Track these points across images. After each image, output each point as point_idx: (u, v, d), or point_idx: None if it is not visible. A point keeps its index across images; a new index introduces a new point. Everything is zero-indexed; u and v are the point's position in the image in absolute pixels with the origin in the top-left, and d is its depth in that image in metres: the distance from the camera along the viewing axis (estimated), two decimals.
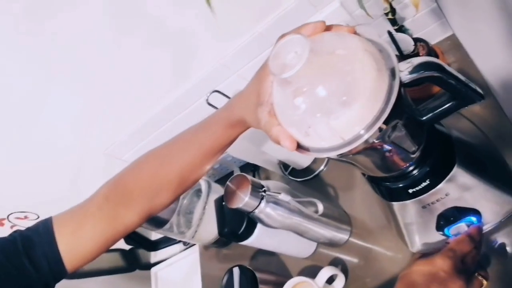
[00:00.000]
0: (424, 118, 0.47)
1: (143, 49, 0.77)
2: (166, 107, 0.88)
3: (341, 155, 0.40)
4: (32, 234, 0.50)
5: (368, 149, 0.41)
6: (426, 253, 0.53)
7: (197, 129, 0.51)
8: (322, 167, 0.88)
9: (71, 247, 0.50)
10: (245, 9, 0.72)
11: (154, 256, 1.13)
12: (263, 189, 0.61)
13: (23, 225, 1.01)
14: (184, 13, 0.71)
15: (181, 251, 1.07)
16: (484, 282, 0.49)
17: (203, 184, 0.92)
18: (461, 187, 0.52)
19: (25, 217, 1.01)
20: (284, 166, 0.94)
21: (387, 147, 0.43)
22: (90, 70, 0.78)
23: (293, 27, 0.39)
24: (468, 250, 0.49)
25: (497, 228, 0.58)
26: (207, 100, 0.74)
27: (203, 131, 0.50)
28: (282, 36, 0.37)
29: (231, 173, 1.06)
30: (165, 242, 1.08)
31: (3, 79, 0.75)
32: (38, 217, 1.01)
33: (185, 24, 0.73)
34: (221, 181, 1.07)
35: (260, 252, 0.88)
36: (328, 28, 0.39)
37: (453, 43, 0.76)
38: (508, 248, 0.58)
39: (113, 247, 0.56)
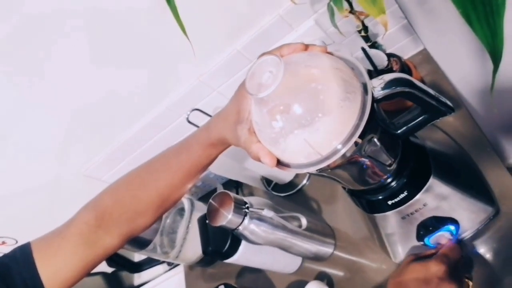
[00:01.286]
0: (399, 131, 0.48)
1: (121, 68, 0.77)
2: (146, 126, 0.88)
3: (320, 170, 0.40)
4: (9, 261, 0.49)
5: (346, 163, 0.42)
6: (418, 257, 0.54)
7: (177, 149, 0.51)
8: (304, 181, 0.89)
9: (52, 273, 0.49)
10: (223, 28, 0.74)
11: (138, 278, 1.11)
12: (246, 205, 0.62)
13: (1, 251, 0.97)
14: (161, 30, 0.72)
15: (165, 272, 1.06)
16: (470, 283, 0.51)
17: (186, 202, 0.91)
18: (438, 197, 0.53)
19: (3, 243, 0.98)
20: (267, 181, 0.95)
21: (364, 160, 0.44)
22: (66, 90, 0.78)
23: (270, 45, 0.41)
24: (459, 256, 0.51)
25: (475, 235, 0.60)
26: (187, 118, 0.74)
27: (183, 151, 0.50)
28: (262, 54, 0.38)
29: (214, 190, 1.06)
30: (149, 263, 1.06)
31: None
32: (17, 242, 0.98)
33: (163, 43, 0.74)
34: (204, 198, 1.07)
35: (246, 270, 0.88)
36: (305, 48, 0.40)
37: (425, 57, 0.79)
38: (485, 254, 0.59)
39: (95, 270, 0.55)
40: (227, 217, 0.59)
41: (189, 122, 0.74)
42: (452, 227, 0.56)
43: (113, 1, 0.67)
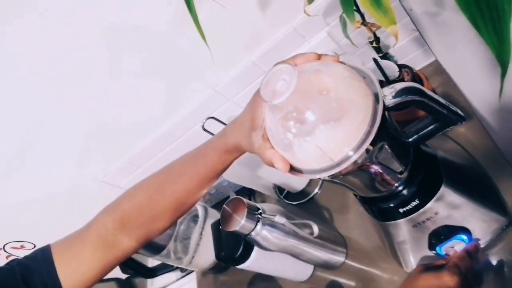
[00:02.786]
0: (410, 140, 0.49)
1: (139, 78, 0.80)
2: (162, 134, 0.90)
3: (332, 176, 0.42)
4: (30, 263, 0.51)
5: (357, 170, 0.43)
6: (428, 267, 0.54)
7: (193, 155, 0.53)
8: (316, 190, 0.90)
9: (70, 274, 0.51)
10: (238, 40, 0.76)
11: (151, 284, 1.12)
12: (259, 211, 0.63)
13: (19, 254, 1.00)
14: (180, 44, 0.74)
15: (178, 279, 1.07)
16: None
17: (200, 209, 0.93)
18: (449, 206, 0.53)
19: (22, 247, 1.00)
20: (279, 189, 0.96)
21: (375, 167, 0.45)
22: (87, 99, 0.81)
23: (284, 56, 0.42)
24: (469, 266, 0.51)
25: (488, 246, 0.60)
26: (203, 126, 0.76)
27: (199, 157, 0.52)
28: (277, 64, 0.40)
29: (227, 198, 1.06)
30: (162, 268, 1.07)
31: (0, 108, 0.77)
32: (35, 246, 1.00)
33: (181, 53, 0.77)
34: (218, 206, 1.08)
35: (258, 277, 0.88)
36: (318, 57, 0.42)
37: (436, 68, 0.80)
38: (497, 265, 0.59)
39: (109, 276, 0.56)
40: (240, 223, 0.61)
41: (205, 130, 0.76)
42: (464, 237, 0.56)
43: (133, 15, 0.70)
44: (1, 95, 0.75)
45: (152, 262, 1.13)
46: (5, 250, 0.98)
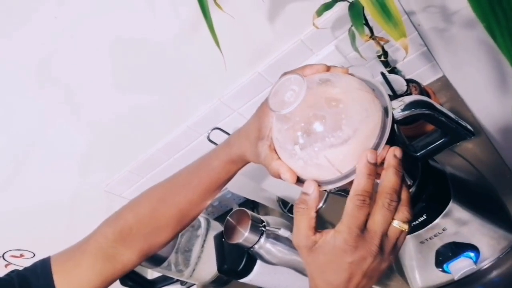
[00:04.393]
0: (418, 154, 0.48)
1: (144, 90, 0.80)
2: (166, 144, 0.90)
3: (339, 188, 0.41)
4: (29, 274, 0.50)
5: None
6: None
7: (197, 165, 0.52)
8: (321, 204, 0.88)
9: (68, 286, 0.50)
10: (246, 51, 0.76)
11: None
12: (263, 224, 0.62)
13: (18, 263, 0.99)
14: (185, 54, 0.75)
15: None
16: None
17: (202, 221, 0.92)
18: (457, 222, 0.53)
19: (21, 255, 0.99)
20: (283, 203, 0.95)
21: None
22: (91, 109, 0.81)
23: (291, 68, 0.42)
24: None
25: (496, 264, 0.58)
26: (208, 136, 0.76)
27: (203, 167, 0.51)
28: (285, 74, 0.40)
29: (230, 210, 1.06)
30: (163, 281, 1.05)
31: (4, 116, 0.77)
32: (34, 255, 0.99)
33: (186, 64, 0.77)
34: (220, 218, 1.07)
35: None
36: (327, 69, 0.42)
37: (444, 83, 0.79)
38: (506, 284, 0.57)
39: None
40: (243, 235, 0.60)
41: (210, 140, 0.76)
42: (472, 254, 0.55)
43: (139, 28, 0.70)
44: (5, 102, 0.75)
45: (151, 274, 1.12)
46: (4, 259, 0.97)
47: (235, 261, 0.67)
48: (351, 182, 0.39)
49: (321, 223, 0.86)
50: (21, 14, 0.64)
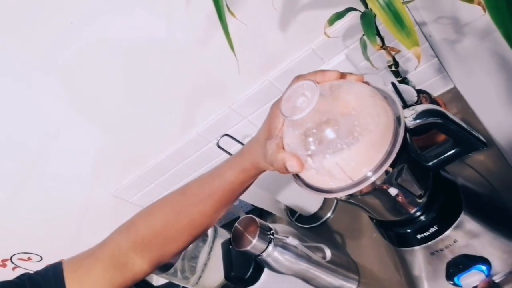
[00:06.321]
0: (430, 163, 0.48)
1: (156, 96, 0.80)
2: (176, 150, 0.90)
3: (350, 196, 0.41)
4: (41, 279, 0.50)
5: (376, 191, 0.42)
6: None
7: (210, 175, 0.51)
8: (329, 214, 0.88)
9: None
10: (257, 58, 0.77)
11: None
12: (271, 231, 0.62)
13: (25, 266, 0.99)
14: (196, 62, 0.75)
15: None
16: None
17: (209, 229, 0.91)
18: (468, 234, 0.52)
19: (29, 259, 1.00)
20: (291, 212, 0.94)
21: (394, 189, 0.44)
22: (101, 114, 0.82)
23: None
24: None
25: (508, 279, 0.57)
26: (217, 143, 0.76)
27: (216, 177, 0.50)
28: (298, 77, 0.40)
29: (237, 218, 1.05)
30: (168, 287, 1.05)
31: (15, 122, 0.78)
32: (42, 258, 1.00)
33: (196, 72, 0.78)
34: (228, 226, 1.07)
35: None
36: (340, 76, 0.42)
37: (454, 95, 0.79)
38: None
39: None
40: (251, 242, 0.60)
41: (219, 147, 0.76)
42: (483, 267, 0.54)
43: (153, 34, 0.71)
44: (16, 107, 0.76)
45: (157, 280, 1.11)
46: (12, 261, 0.98)
47: (242, 269, 0.66)
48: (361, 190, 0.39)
49: (329, 233, 0.85)
50: (38, 18, 0.66)
